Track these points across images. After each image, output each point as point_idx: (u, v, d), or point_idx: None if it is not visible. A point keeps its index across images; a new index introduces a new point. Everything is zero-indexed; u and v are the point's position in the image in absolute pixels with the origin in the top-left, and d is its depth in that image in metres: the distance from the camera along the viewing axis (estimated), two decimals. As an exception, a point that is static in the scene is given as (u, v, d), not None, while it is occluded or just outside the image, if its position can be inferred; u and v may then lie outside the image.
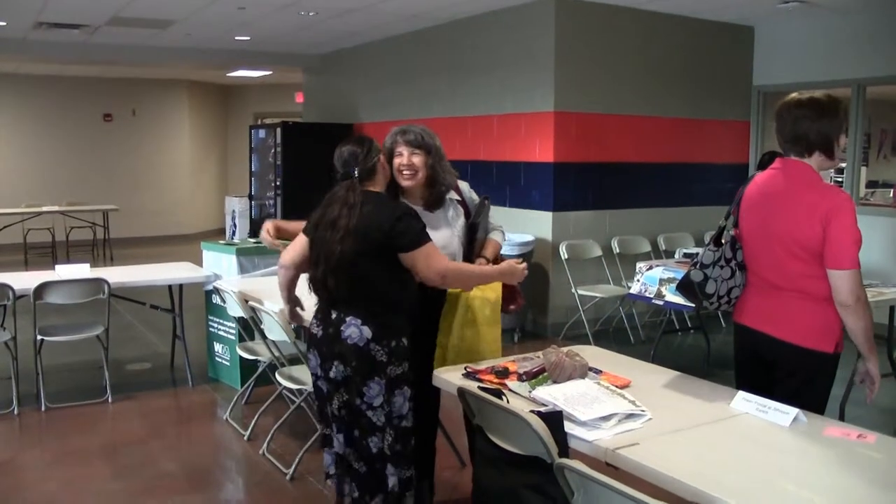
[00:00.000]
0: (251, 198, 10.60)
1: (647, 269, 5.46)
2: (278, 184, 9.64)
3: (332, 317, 2.81)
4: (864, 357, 2.66)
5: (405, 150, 3.03)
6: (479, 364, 2.84)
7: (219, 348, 5.44)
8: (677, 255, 6.50)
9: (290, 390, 4.19)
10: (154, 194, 13.46)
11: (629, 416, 2.31)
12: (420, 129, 3.09)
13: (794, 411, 2.32)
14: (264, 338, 4.13)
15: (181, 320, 5.47)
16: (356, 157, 2.81)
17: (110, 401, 4.97)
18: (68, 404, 4.88)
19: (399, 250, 2.76)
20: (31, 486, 3.81)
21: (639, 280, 5.62)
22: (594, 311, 6.84)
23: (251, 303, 4.14)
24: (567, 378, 2.59)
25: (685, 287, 2.80)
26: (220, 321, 5.35)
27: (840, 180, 7.76)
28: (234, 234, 11.39)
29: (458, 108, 7.71)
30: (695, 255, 2.87)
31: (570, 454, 2.14)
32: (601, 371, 2.74)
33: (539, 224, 6.83)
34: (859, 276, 2.54)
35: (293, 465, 3.86)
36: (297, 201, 9.01)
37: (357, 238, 2.72)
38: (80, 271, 5.15)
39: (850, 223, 2.51)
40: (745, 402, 2.44)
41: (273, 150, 9.78)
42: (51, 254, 11.03)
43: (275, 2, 6.95)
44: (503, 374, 2.70)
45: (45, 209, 10.99)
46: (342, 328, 2.76)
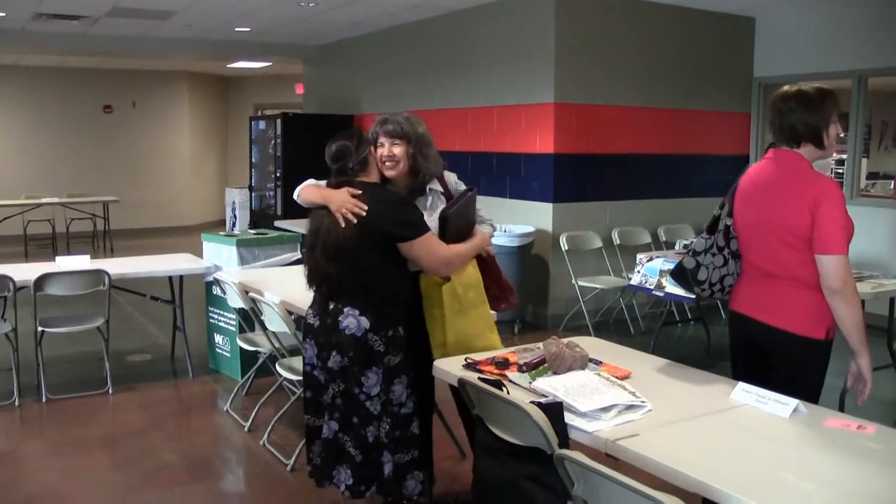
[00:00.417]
0: (251, 189, 10.59)
1: (648, 261, 5.46)
2: (278, 175, 9.63)
3: (329, 307, 2.82)
4: (855, 352, 2.64)
5: (386, 141, 3.02)
6: (479, 354, 2.84)
7: (219, 339, 5.44)
8: (677, 247, 6.49)
9: (290, 381, 4.19)
10: (154, 186, 13.46)
11: (629, 407, 2.31)
12: (403, 117, 3.06)
13: (793, 402, 2.32)
14: (264, 329, 4.13)
15: (181, 311, 5.47)
16: (348, 151, 2.83)
17: (111, 392, 4.97)
18: (69, 395, 4.89)
19: (399, 240, 2.77)
20: (31, 477, 3.82)
21: (639, 271, 5.63)
22: (594, 303, 6.84)
23: (251, 294, 4.14)
24: (567, 369, 2.59)
25: (678, 274, 2.87)
26: (221, 312, 5.36)
27: (841, 172, 7.74)
28: (234, 225, 11.39)
29: (459, 100, 7.69)
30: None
31: (571, 445, 2.14)
32: (601, 362, 2.74)
33: (539, 215, 6.83)
34: (847, 262, 2.57)
35: (293, 457, 3.86)
36: (298, 193, 8.98)
37: (356, 229, 2.72)
38: (81, 263, 5.15)
39: (837, 208, 2.56)
40: (744, 393, 2.44)
41: (273, 142, 9.77)
42: (51, 245, 11.02)
43: (274, -8, 6.94)
44: (503, 364, 2.70)
45: (45, 201, 10.98)
46: (340, 318, 2.77)
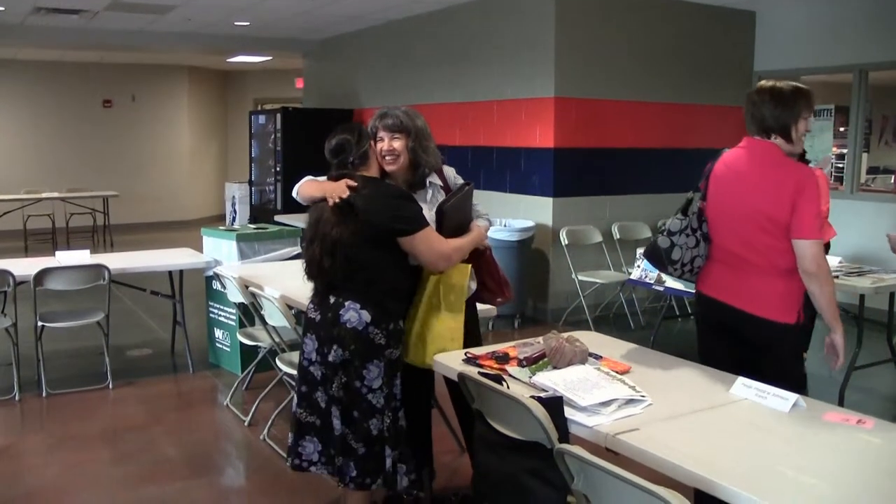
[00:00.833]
0: (251, 184, 10.58)
1: (648, 255, 5.45)
2: (278, 169, 9.62)
3: (330, 301, 2.82)
4: (830, 327, 2.78)
5: (386, 135, 3.01)
6: (479, 349, 2.84)
7: (219, 334, 5.44)
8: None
9: (290, 376, 4.18)
10: (154, 180, 13.44)
11: (629, 401, 2.31)
12: (401, 111, 3.05)
13: (793, 397, 2.32)
14: (265, 323, 4.13)
15: (181, 306, 5.47)
16: (349, 145, 2.83)
17: (111, 387, 4.97)
18: (69, 390, 4.89)
19: (398, 234, 2.77)
20: (32, 472, 3.82)
21: (639, 266, 5.63)
22: (594, 297, 6.84)
23: (251, 288, 4.14)
24: (567, 363, 2.59)
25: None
26: (221, 307, 5.36)
27: (841, 166, 7.73)
28: (234, 219, 11.38)
29: (459, 94, 7.68)
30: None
31: (571, 439, 2.14)
32: (601, 356, 2.74)
33: (539, 210, 6.82)
34: (822, 247, 2.71)
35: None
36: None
37: (353, 224, 2.73)
38: (81, 257, 5.15)
39: (816, 196, 2.69)
40: (744, 387, 2.44)
41: (273, 136, 9.76)
42: (51, 240, 11.02)
43: (274, -14, 6.92)
44: (503, 359, 2.70)
45: (44, 195, 10.97)
46: (341, 312, 2.77)
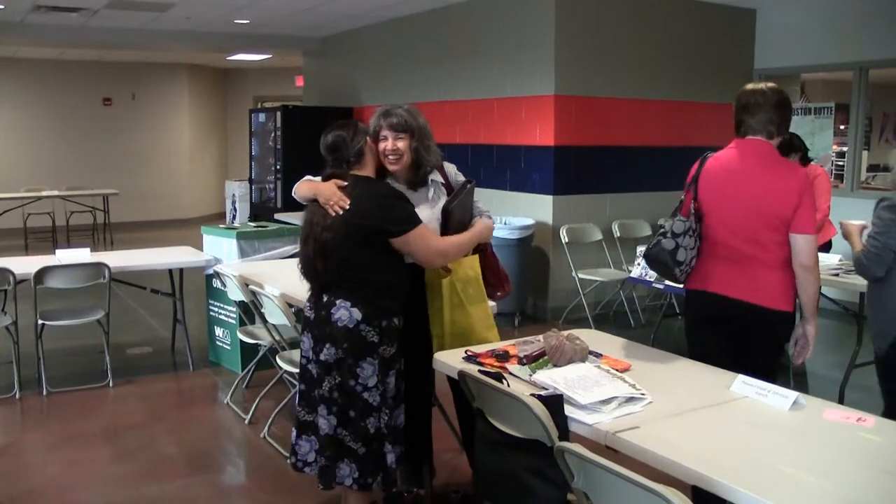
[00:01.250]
0: (251, 182, 10.57)
1: (648, 253, 5.45)
2: (278, 168, 9.61)
3: (323, 300, 2.82)
4: (808, 319, 2.89)
5: (390, 135, 2.98)
6: (479, 347, 2.84)
7: (219, 332, 5.44)
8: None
9: (290, 374, 4.19)
10: (154, 178, 13.44)
11: (629, 399, 2.31)
12: (404, 109, 3.04)
13: (793, 395, 2.32)
14: (265, 321, 4.12)
15: (182, 304, 5.47)
16: (344, 143, 2.82)
17: (111, 385, 4.98)
18: (69, 388, 4.89)
19: (390, 236, 2.76)
20: (33, 470, 3.82)
21: (639, 264, 5.63)
22: (595, 295, 6.84)
23: (252, 287, 4.14)
24: (567, 361, 2.59)
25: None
26: (221, 305, 5.35)
27: (841, 164, 7.73)
28: (234, 217, 11.38)
29: (459, 92, 7.67)
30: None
31: (571, 437, 2.14)
32: (601, 354, 2.74)
33: (539, 208, 6.82)
34: (816, 241, 2.84)
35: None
36: (298, 185, 8.97)
37: (344, 226, 2.73)
38: (81, 256, 5.15)
39: (814, 194, 2.90)
40: (744, 385, 2.44)
41: (273, 134, 9.75)
42: (51, 238, 11.02)
43: (274, -16, 6.91)
44: (504, 357, 2.70)
45: (44, 194, 10.97)
46: (332, 311, 2.77)
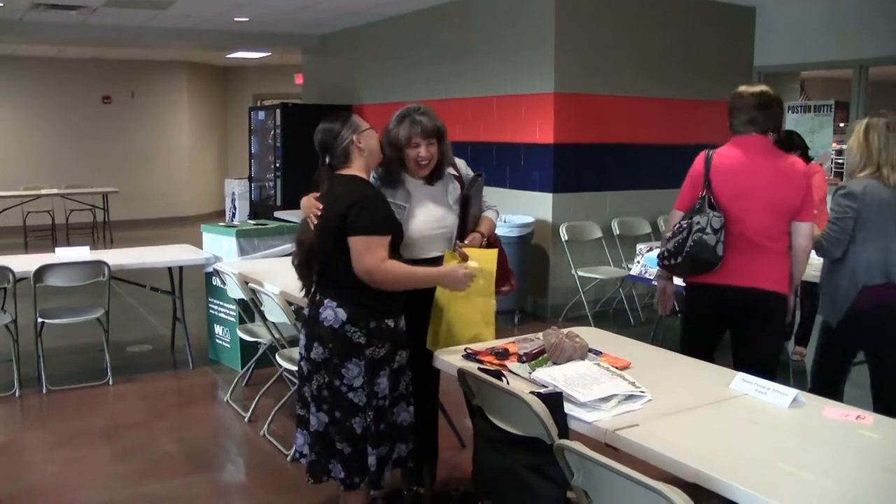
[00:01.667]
0: (251, 180, 10.57)
1: (648, 251, 5.46)
2: (278, 166, 9.61)
3: (315, 298, 2.83)
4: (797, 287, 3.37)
5: (422, 142, 2.99)
6: (478, 345, 2.84)
7: (219, 330, 5.44)
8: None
9: (290, 372, 4.18)
10: (154, 176, 13.42)
11: (629, 397, 2.31)
12: (429, 112, 3.04)
13: (793, 392, 2.32)
14: (264, 320, 4.12)
15: (181, 302, 5.47)
16: (331, 141, 2.81)
17: (111, 383, 4.97)
18: (69, 387, 4.89)
19: (346, 233, 2.70)
20: (33, 468, 3.82)
21: (639, 261, 5.63)
22: (594, 293, 6.84)
23: (251, 285, 4.14)
24: (567, 359, 2.59)
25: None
26: (221, 303, 5.35)
27: (841, 161, 7.72)
28: (233, 216, 11.37)
29: (459, 90, 7.67)
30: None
31: (570, 435, 2.14)
32: (601, 352, 2.74)
33: (539, 205, 6.82)
34: None
35: (293, 448, 3.86)
36: (297, 183, 8.96)
37: (319, 227, 2.74)
38: (80, 254, 5.15)
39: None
40: (744, 383, 2.44)
41: (273, 132, 9.74)
42: (50, 236, 11.01)
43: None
44: (503, 355, 2.69)
45: (44, 192, 10.96)
46: (321, 310, 2.77)
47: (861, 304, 3.22)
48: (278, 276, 4.15)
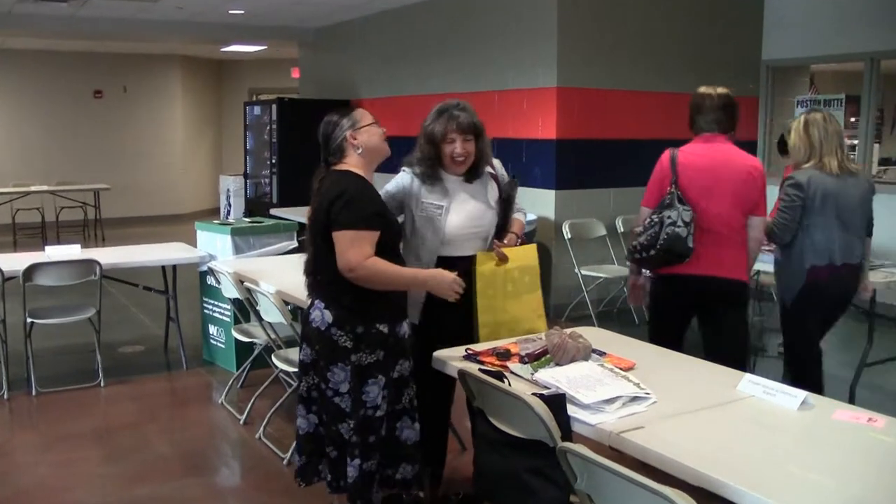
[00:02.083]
0: (246, 176, 10.52)
1: (649, 248, 5.39)
2: (274, 162, 9.56)
3: (309, 298, 2.81)
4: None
5: (458, 138, 2.96)
6: (479, 345, 2.80)
7: (214, 330, 5.38)
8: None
9: (286, 373, 4.14)
10: (146, 173, 13.34)
11: (633, 399, 2.28)
12: (468, 110, 3.02)
13: (802, 394, 2.29)
14: (260, 320, 4.08)
15: (175, 302, 5.41)
16: (327, 136, 2.77)
17: (102, 384, 4.91)
18: (60, 388, 4.83)
19: (330, 227, 2.63)
20: (22, 471, 3.77)
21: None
22: (598, 292, 6.78)
23: (247, 284, 4.10)
24: (570, 360, 2.57)
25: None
26: (215, 303, 5.30)
27: (852, 157, 7.64)
28: (228, 213, 11.31)
29: (459, 84, 7.59)
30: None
31: (574, 438, 2.10)
32: (605, 353, 2.72)
33: (542, 203, 6.75)
34: None
35: (290, 450, 3.80)
36: (293, 180, 8.92)
37: (310, 220, 2.71)
38: (71, 252, 5.10)
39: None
40: (751, 384, 2.42)
41: (268, 128, 9.69)
42: (40, 234, 10.93)
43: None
44: (505, 356, 2.67)
45: (34, 189, 10.85)
46: (311, 311, 2.73)
47: (809, 282, 3.60)
48: (274, 275, 4.11)
